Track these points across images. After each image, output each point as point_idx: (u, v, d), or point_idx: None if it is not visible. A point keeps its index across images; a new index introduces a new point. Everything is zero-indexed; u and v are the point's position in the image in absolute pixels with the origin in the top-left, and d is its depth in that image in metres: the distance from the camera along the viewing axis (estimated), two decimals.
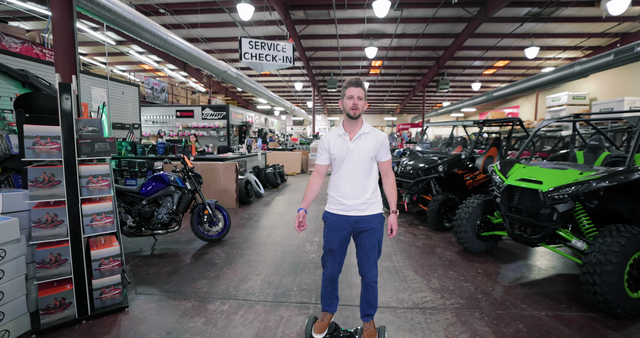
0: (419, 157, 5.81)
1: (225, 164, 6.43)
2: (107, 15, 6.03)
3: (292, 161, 12.29)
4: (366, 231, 2.11)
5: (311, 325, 2.27)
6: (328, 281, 2.23)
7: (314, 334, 2.20)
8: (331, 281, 2.23)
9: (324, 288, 2.27)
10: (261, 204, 6.95)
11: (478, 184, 5.31)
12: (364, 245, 2.13)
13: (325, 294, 2.27)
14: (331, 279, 2.22)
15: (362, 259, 2.15)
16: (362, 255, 2.14)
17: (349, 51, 14.74)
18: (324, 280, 2.25)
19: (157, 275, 3.42)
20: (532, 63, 16.44)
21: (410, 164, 5.51)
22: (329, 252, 2.17)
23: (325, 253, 2.20)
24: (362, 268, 2.16)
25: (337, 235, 2.14)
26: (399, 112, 32.08)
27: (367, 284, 2.17)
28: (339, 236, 2.13)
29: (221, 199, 6.46)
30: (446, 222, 5.01)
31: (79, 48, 12.67)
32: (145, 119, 13.26)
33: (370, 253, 2.12)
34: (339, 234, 2.13)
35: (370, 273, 2.14)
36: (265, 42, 8.25)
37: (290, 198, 7.69)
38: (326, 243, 2.18)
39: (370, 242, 2.11)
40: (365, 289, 2.19)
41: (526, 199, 3.24)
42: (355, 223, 2.11)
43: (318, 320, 2.28)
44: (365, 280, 2.18)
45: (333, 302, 2.29)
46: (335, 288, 2.27)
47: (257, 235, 4.80)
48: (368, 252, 2.12)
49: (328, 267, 2.20)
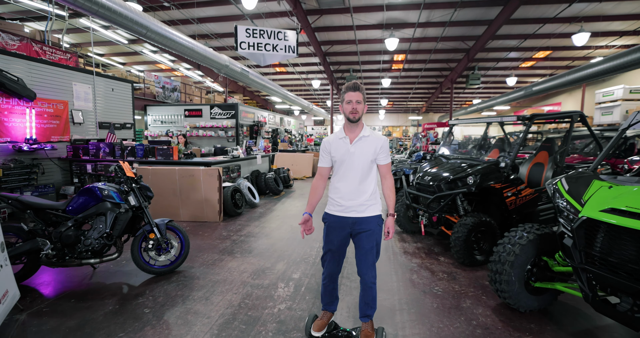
0: (442, 164, 4.42)
1: (207, 170, 5.37)
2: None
3: (302, 163, 11.13)
4: (364, 232, 2.11)
5: (311, 323, 2.26)
6: (328, 280, 2.23)
7: (313, 332, 2.19)
8: (331, 280, 2.22)
9: (323, 287, 2.25)
10: (251, 217, 5.82)
11: (523, 202, 3.85)
12: (362, 246, 2.12)
13: (325, 293, 2.26)
14: (331, 278, 2.21)
15: (361, 260, 2.14)
16: (361, 256, 2.14)
17: (367, 44, 13.35)
18: (324, 280, 2.24)
19: (53, 333, 2.36)
20: (578, 53, 14.22)
21: (430, 174, 4.14)
22: (329, 252, 2.18)
23: (325, 253, 2.20)
24: (361, 269, 2.15)
25: (336, 236, 2.14)
26: (425, 111, 30.00)
27: (366, 285, 2.15)
28: (338, 237, 2.14)
29: (202, 212, 5.40)
30: (478, 254, 3.62)
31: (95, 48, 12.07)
32: (154, 119, 12.64)
33: (369, 254, 2.12)
34: (338, 235, 2.14)
35: (369, 274, 2.13)
36: (265, 29, 7.14)
37: (288, 208, 6.52)
38: (326, 244, 2.19)
39: (368, 243, 2.11)
40: (364, 290, 2.16)
41: (626, 246, 1.84)
42: (354, 224, 2.12)
43: (318, 319, 2.27)
44: (363, 281, 2.15)
45: (333, 301, 2.28)
46: (335, 288, 2.26)
47: (223, 265, 3.66)
48: (366, 253, 2.11)
49: (327, 267, 2.21)
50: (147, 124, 12.68)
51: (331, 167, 2.21)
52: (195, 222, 5.37)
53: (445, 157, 4.74)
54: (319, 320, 2.25)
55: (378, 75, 17.82)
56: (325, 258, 2.21)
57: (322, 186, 2.23)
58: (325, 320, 2.24)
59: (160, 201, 5.40)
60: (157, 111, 12.65)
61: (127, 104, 8.03)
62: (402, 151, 16.26)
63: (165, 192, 5.40)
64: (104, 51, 15.31)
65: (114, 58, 16.08)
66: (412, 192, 4.29)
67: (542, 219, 3.95)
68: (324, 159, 2.20)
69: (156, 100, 13.08)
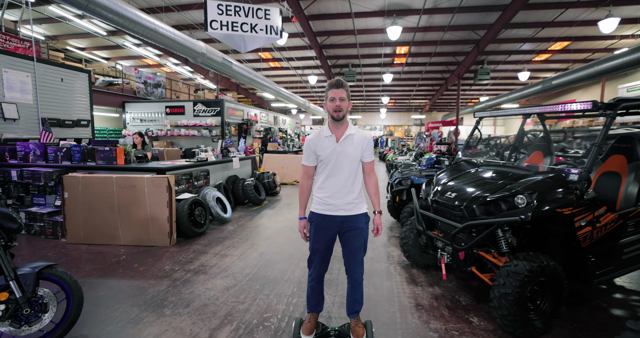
0: (468, 174, 3.06)
1: (153, 180, 4.02)
2: None
3: (293, 165, 9.77)
4: (353, 231, 2.08)
5: (298, 328, 2.19)
6: (316, 281, 2.15)
7: (303, 336, 2.14)
8: (319, 281, 2.16)
9: (311, 289, 2.17)
10: (215, 238, 4.48)
11: (603, 234, 2.47)
12: (351, 245, 2.09)
13: (312, 295, 2.18)
14: (319, 279, 2.16)
15: (350, 258, 2.12)
16: (350, 254, 2.11)
17: (368, 34, 11.96)
18: (311, 281, 2.16)
19: None
20: (600, 44, 12.76)
21: (454, 189, 2.77)
22: (317, 253, 2.11)
23: (313, 253, 2.12)
24: (350, 267, 2.13)
25: (324, 235, 2.08)
26: (428, 109, 28.53)
27: (355, 282, 2.13)
28: (326, 236, 2.08)
29: (147, 234, 4.06)
30: (535, 318, 2.26)
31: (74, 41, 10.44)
32: (133, 116, 11.35)
33: (358, 252, 2.09)
34: (326, 234, 2.08)
35: (357, 271, 2.12)
36: (242, 5, 5.78)
37: (266, 224, 5.17)
38: (313, 244, 2.11)
39: (357, 241, 2.08)
40: (353, 287, 2.15)
41: None
42: (343, 223, 2.07)
43: (305, 322, 2.20)
44: (353, 279, 2.13)
45: (320, 301, 2.21)
46: (322, 288, 2.20)
47: (136, 333, 2.32)
48: (355, 252, 2.09)
49: (315, 268, 2.13)
50: (126, 123, 11.40)
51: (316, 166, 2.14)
52: (138, 247, 4.03)
53: (471, 163, 3.36)
54: (306, 323, 2.18)
55: (379, 70, 16.42)
56: (312, 258, 2.14)
57: (310, 184, 2.19)
58: (313, 322, 2.19)
59: (93, 220, 4.07)
60: (136, 108, 11.36)
61: (82, 98, 6.71)
62: (406, 152, 14.62)
63: (99, 208, 4.07)
64: (84, 44, 14.03)
65: (96, 52, 14.79)
66: (426, 214, 2.93)
67: (627, 258, 2.58)
68: (309, 158, 2.12)
69: (137, 96, 11.78)
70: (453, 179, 2.99)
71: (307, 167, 2.13)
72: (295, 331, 2.16)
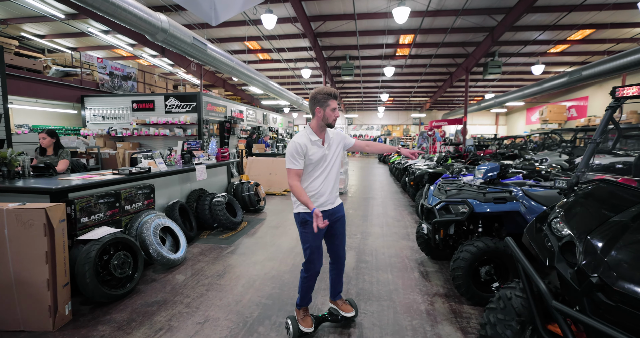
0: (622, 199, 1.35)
1: (18, 214, 2.24)
2: None
3: (283, 172, 7.99)
4: (339, 220, 2.22)
5: (296, 324, 2.19)
6: (314, 278, 2.21)
7: (305, 329, 2.17)
8: (316, 276, 2.21)
9: (307, 287, 2.22)
10: (151, 301, 2.68)
11: None
12: (339, 232, 2.23)
13: (309, 291, 2.24)
14: (317, 274, 2.20)
15: (339, 246, 2.26)
16: (338, 242, 2.25)
17: (369, 19, 10.23)
18: (309, 279, 2.19)
19: None
20: (626, 33, 11.24)
21: None
22: (318, 249, 2.14)
23: (312, 252, 2.13)
24: (339, 252, 2.27)
25: (321, 230, 2.08)
26: (429, 107, 26.92)
27: (342, 265, 2.31)
28: (322, 231, 2.10)
29: (12, 310, 2.26)
30: None
31: (30, 27, 8.08)
32: (94, 113, 9.45)
33: (344, 237, 2.27)
34: (322, 229, 2.05)
35: (344, 255, 2.30)
36: None
37: (242, 268, 3.39)
38: (312, 242, 2.12)
39: (342, 228, 2.25)
40: (339, 272, 2.32)
41: None
42: (332, 215, 2.16)
43: (300, 317, 2.23)
44: (340, 263, 2.29)
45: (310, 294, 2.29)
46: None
47: None
48: (342, 237, 2.26)
49: (317, 264, 2.17)
50: (86, 121, 9.51)
51: None
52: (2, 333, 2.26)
53: (624, 189, 1.63)
54: (304, 317, 2.23)
55: (379, 63, 14.71)
56: (313, 257, 2.14)
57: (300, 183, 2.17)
58: (309, 314, 2.26)
59: None
60: (97, 103, 9.47)
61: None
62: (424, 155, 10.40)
63: None
64: (44, 31, 12.03)
65: (59, 41, 12.79)
66: (583, 319, 1.21)
67: None
68: (298, 162, 2.07)
69: (99, 90, 9.88)
70: (622, 235, 1.27)
71: (297, 170, 2.07)
72: (294, 329, 2.16)
